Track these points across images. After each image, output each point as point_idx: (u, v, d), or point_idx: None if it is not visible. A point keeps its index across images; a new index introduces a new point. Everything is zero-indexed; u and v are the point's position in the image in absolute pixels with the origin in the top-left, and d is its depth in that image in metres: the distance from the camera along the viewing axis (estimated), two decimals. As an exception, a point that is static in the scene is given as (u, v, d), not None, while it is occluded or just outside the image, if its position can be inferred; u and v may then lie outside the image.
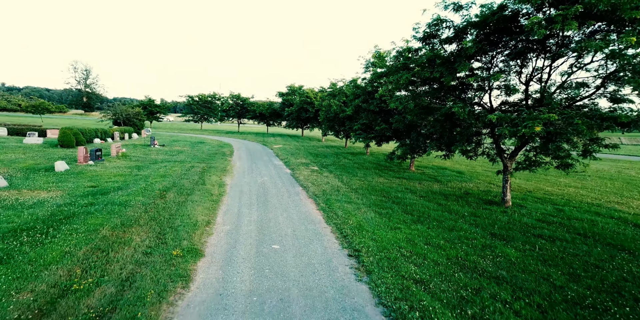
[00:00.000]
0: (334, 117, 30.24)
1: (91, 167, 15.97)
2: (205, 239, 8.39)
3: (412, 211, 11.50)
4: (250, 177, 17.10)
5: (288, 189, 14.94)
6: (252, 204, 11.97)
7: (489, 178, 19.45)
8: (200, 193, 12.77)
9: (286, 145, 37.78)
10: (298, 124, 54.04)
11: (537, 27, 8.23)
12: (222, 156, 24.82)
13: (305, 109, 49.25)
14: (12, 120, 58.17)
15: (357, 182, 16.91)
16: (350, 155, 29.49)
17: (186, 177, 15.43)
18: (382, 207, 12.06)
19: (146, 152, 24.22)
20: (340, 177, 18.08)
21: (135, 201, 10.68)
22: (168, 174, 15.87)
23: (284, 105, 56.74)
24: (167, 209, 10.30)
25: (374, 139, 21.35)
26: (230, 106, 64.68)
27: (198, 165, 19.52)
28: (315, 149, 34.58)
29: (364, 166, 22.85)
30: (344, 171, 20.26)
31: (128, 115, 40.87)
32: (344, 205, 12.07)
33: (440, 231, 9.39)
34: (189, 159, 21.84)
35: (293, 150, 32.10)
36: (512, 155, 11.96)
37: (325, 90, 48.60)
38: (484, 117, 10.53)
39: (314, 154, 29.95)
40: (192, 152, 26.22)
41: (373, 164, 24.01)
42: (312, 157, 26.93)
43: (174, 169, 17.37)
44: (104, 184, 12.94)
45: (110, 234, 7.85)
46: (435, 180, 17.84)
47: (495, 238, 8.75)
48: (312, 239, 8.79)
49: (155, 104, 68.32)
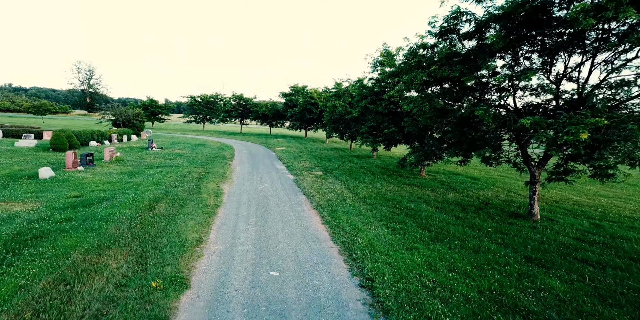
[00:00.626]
0: (339, 118, 29.04)
1: (80, 173, 14.92)
2: (194, 263, 7.24)
3: (428, 226, 10.27)
4: (250, 184, 15.96)
5: (290, 198, 13.77)
6: (250, 217, 10.81)
7: (508, 185, 18.13)
8: (194, 204, 11.65)
9: (289, 148, 36.65)
10: (301, 125, 52.94)
11: (582, 16, 6.99)
12: (222, 160, 23.74)
13: (309, 109, 48.14)
14: (12, 121, 57.71)
15: (364, 189, 15.69)
16: (356, 159, 28.31)
17: (181, 185, 14.32)
18: (394, 221, 10.84)
19: (143, 155, 23.19)
20: (346, 184, 16.89)
21: (119, 215, 9.56)
22: (162, 181, 14.77)
23: (287, 106, 55.67)
24: (154, 225, 9.17)
25: (383, 143, 20.12)
26: (233, 107, 63.73)
27: (195, 170, 18.43)
28: (319, 152, 33.43)
29: (371, 171, 21.64)
30: (350, 177, 19.06)
31: (128, 116, 39.99)
32: (352, 219, 10.88)
33: (464, 253, 8.16)
34: (186, 164, 20.76)
35: (296, 153, 30.96)
36: (540, 163, 10.69)
37: (330, 90, 47.42)
38: (512, 121, 9.29)
39: (318, 157, 28.79)
40: (191, 155, 25.16)
41: (380, 169, 22.79)
42: (316, 161, 25.77)
43: (169, 175, 16.27)
44: (90, 193, 11.86)
45: (82, 259, 6.72)
46: (449, 188, 16.57)
47: (532, 263, 7.49)
48: (316, 263, 7.60)
49: (157, 105, 67.61)
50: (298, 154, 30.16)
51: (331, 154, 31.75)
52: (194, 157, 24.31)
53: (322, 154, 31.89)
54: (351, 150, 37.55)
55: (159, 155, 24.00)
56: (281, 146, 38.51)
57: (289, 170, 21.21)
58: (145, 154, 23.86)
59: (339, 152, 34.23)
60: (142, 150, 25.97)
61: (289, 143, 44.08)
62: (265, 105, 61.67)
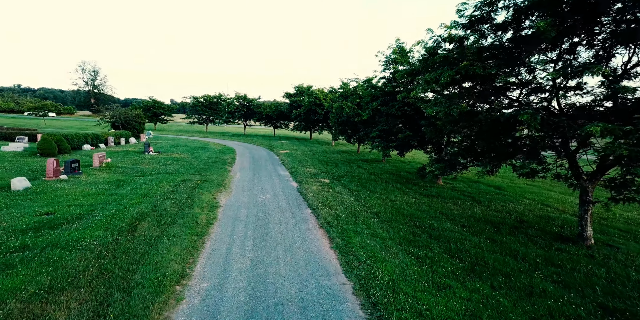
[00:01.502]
0: (346, 120, 27.35)
1: (60, 183, 13.45)
2: (170, 312, 5.63)
3: (459, 253, 8.56)
4: (249, 195, 14.36)
5: (294, 212, 12.15)
6: (247, 239, 9.21)
7: (539, 196, 16.28)
8: (183, 222, 10.08)
9: (293, 151, 35.06)
10: (306, 126, 51.31)
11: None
12: (221, 165, 22.20)
13: (314, 111, 46.49)
14: (13, 122, 56.96)
15: (377, 201, 14.01)
16: (364, 164, 26.60)
17: (172, 197, 12.78)
18: (416, 245, 9.15)
19: (137, 160, 21.74)
20: (356, 194, 15.21)
21: (90, 239, 8.02)
22: (151, 192, 13.24)
23: (292, 106, 54.09)
24: (130, 253, 7.60)
25: (396, 148, 18.37)
26: (236, 108, 62.34)
27: (191, 178, 16.89)
28: (325, 155, 31.78)
29: (382, 178, 19.93)
30: (360, 185, 17.37)
31: (127, 118, 38.72)
32: (367, 242, 9.21)
33: (514, 296, 6.44)
34: (182, 170, 19.25)
35: (301, 157, 29.35)
36: (594, 177, 8.91)
37: (336, 90, 45.73)
38: (567, 127, 7.55)
39: (324, 161, 27.14)
40: (190, 160, 23.66)
41: (392, 175, 21.07)
42: (322, 166, 24.12)
43: (161, 184, 14.74)
44: (64, 209, 10.34)
45: (19, 310, 5.15)
46: (472, 200, 14.81)
47: (613, 318, 5.72)
48: (326, 311, 5.96)
49: (160, 106, 66.57)
50: (303, 158, 28.54)
51: (338, 158, 30.09)
52: (192, 162, 22.82)
53: (328, 158, 30.24)
54: (358, 153, 35.85)
55: (154, 160, 22.54)
56: (285, 149, 36.94)
57: (293, 177, 19.60)
58: (140, 159, 22.41)
59: (346, 156, 32.55)
60: (137, 155, 24.55)
61: (294, 146, 42.49)
62: (269, 106, 60.19)
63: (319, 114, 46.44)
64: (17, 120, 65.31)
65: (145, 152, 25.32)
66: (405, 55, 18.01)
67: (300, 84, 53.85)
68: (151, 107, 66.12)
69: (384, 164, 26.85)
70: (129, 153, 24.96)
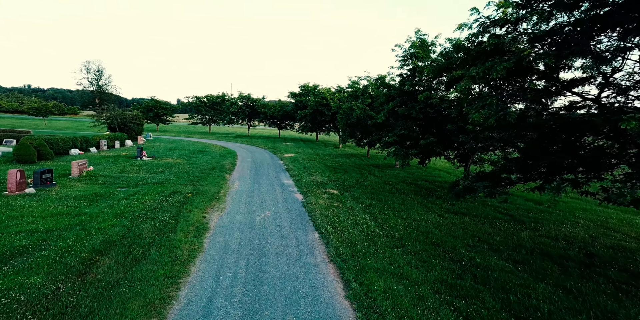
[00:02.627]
0: (356, 122, 25.00)
1: (22, 199, 11.39)
2: None
3: (526, 312, 6.21)
4: (246, 212, 12.17)
5: (298, 237, 9.91)
6: (235, 283, 7.00)
7: (592, 215, 13.67)
8: (158, 255, 7.92)
9: (299, 155, 32.85)
10: (312, 127, 49.05)
11: None
12: (219, 173, 20.07)
13: (321, 111, 44.20)
14: (12, 123, 55.79)
15: (397, 221, 11.71)
16: (376, 170, 24.24)
17: (153, 217, 10.65)
18: (461, 294, 6.84)
19: (126, 167, 19.70)
20: (371, 211, 12.93)
21: (19, 290, 5.89)
22: (129, 210, 11.12)
23: (297, 106, 51.87)
24: (66, 317, 5.42)
25: (417, 156, 15.94)
26: (240, 108, 60.33)
27: (182, 190, 14.76)
28: (332, 160, 29.50)
29: (398, 188, 17.59)
30: (375, 198, 15.07)
31: (124, 119, 36.88)
32: (393, 288, 6.93)
33: None
34: (175, 179, 17.14)
35: (306, 162, 27.12)
36: None
37: (344, 89, 43.43)
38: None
39: (332, 167, 24.86)
40: (185, 166, 21.57)
41: (410, 185, 18.71)
42: (329, 173, 21.85)
43: (143, 199, 12.63)
44: (7, 238, 8.23)
45: None
46: (512, 219, 12.39)
47: None
48: None
49: (162, 106, 64.93)
50: (308, 163, 26.30)
51: (346, 163, 27.79)
52: (187, 168, 20.73)
53: (336, 162, 27.95)
54: (368, 157, 33.50)
55: (146, 166, 20.49)
56: (290, 152, 34.74)
57: (298, 186, 17.38)
58: (129, 166, 20.38)
59: (355, 160, 30.23)
60: (129, 160, 22.53)
61: (299, 148, 40.29)
62: (273, 106, 58.07)
63: (325, 114, 44.13)
64: (18, 121, 64.26)
65: (138, 157, 23.32)
66: (426, 49, 15.63)
67: (305, 83, 51.61)
68: (153, 107, 64.52)
69: (398, 170, 24.46)
70: (119, 158, 22.95)
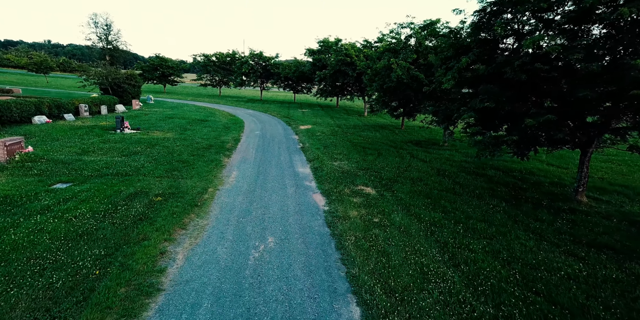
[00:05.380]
0: (394, 87, 18.97)
1: None
2: None
3: None
4: (236, 239, 7.44)
5: (323, 317, 5.15)
6: None
7: None
8: None
9: (317, 126, 27.42)
10: (333, 91, 42.62)
11: None
12: (215, 154, 15.26)
13: (344, 72, 37.41)
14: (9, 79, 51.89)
15: (493, 266, 6.69)
16: (418, 149, 18.58)
17: (66, 261, 6.09)
18: None
19: (93, 145, 15.08)
20: (438, 237, 7.93)
21: None
22: (28, 243, 6.57)
23: (315, 66, 44.90)
24: None
25: (518, 145, 9.70)
26: (251, 68, 53.69)
27: (153, 187, 10.13)
28: (358, 134, 23.96)
29: (460, 182, 12.32)
30: (434, 204, 9.97)
31: (116, 79, 31.80)
32: None
33: None
34: (150, 166, 12.48)
35: (327, 137, 21.84)
36: None
37: (372, 44, 36.07)
38: None
39: (360, 145, 19.50)
40: (174, 144, 16.81)
41: (474, 175, 13.33)
42: (358, 155, 16.64)
43: (80, 210, 8.05)
44: None
45: None
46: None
47: None
48: None
49: (168, 64, 59.06)
50: (329, 139, 21.03)
51: (377, 139, 22.28)
52: (175, 148, 15.98)
53: (364, 138, 22.46)
54: (403, 129, 27.63)
55: (121, 143, 15.84)
56: (307, 123, 29.30)
57: (317, 180, 12.45)
58: (100, 142, 15.76)
59: (388, 135, 24.55)
60: (104, 134, 17.89)
61: (317, 117, 34.60)
62: (288, 65, 51.06)
63: (349, 76, 37.38)
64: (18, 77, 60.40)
65: (118, 129, 18.64)
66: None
67: (325, 38, 43.88)
68: (158, 66, 58.84)
69: (448, 149, 18.79)
70: (93, 131, 18.30)
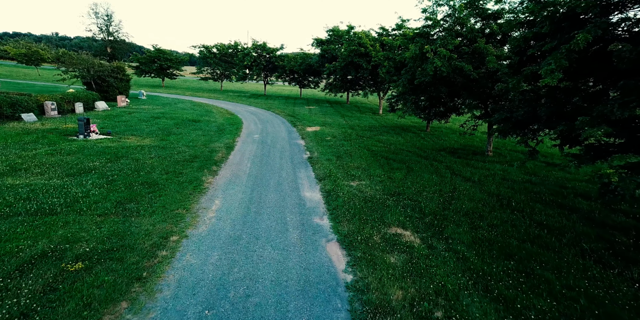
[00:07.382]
0: (429, 83, 14.98)
1: None
2: None
3: None
4: None
5: None
6: None
7: None
8: None
9: (327, 127, 23.58)
10: (343, 86, 38.53)
11: None
12: (198, 171, 11.62)
13: (357, 64, 33.26)
14: None
15: None
16: (456, 161, 14.60)
17: None
18: None
19: (32, 158, 11.47)
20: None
21: None
22: None
23: (324, 58, 40.74)
24: None
25: None
26: (254, 60, 49.65)
27: (82, 237, 6.52)
28: (376, 138, 20.09)
29: (546, 224, 8.47)
30: (526, 276, 6.20)
31: (100, 72, 28.22)
32: None
33: None
34: (99, 194, 8.84)
35: (340, 142, 18.03)
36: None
37: (389, 33, 31.79)
38: None
39: (382, 154, 15.63)
40: (146, 155, 13.18)
41: (561, 209, 9.44)
42: (382, 171, 12.82)
43: None
44: None
45: None
46: None
47: None
48: None
49: (166, 57, 55.27)
50: (342, 146, 17.23)
51: (400, 144, 18.40)
52: (147, 160, 12.37)
53: (385, 144, 18.59)
54: (428, 131, 23.64)
55: (76, 155, 12.24)
56: (314, 123, 25.43)
57: (331, 215, 8.74)
58: (47, 154, 12.14)
59: (412, 139, 20.61)
60: (59, 141, 14.24)
61: (326, 116, 30.67)
62: (293, 57, 46.94)
63: (363, 68, 33.23)
64: (8, 69, 57.33)
65: (81, 134, 15.05)
66: None
67: (335, 26, 39.59)
68: (155, 58, 55.10)
69: (496, 162, 14.78)
70: (47, 136, 14.63)
